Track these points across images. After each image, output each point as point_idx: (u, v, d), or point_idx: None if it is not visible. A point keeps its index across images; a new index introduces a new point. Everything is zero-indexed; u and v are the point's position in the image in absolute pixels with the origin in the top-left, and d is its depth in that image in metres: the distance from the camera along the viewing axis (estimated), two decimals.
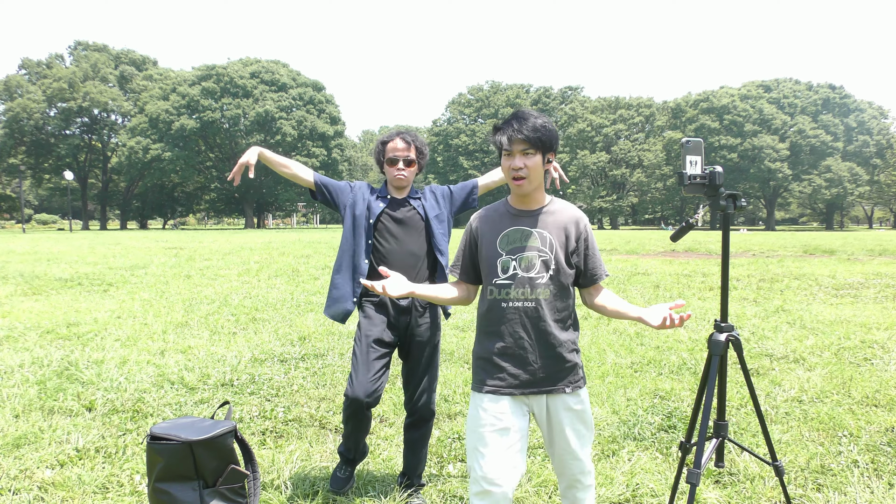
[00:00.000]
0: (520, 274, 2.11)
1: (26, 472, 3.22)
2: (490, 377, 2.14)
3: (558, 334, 2.13)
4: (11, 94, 60.34)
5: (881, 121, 75.07)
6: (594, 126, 75.38)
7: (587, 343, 6.24)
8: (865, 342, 6.25)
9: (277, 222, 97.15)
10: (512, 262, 2.12)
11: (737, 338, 2.33)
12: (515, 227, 2.14)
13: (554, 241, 2.13)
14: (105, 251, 20.28)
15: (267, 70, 66.74)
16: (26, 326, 7.06)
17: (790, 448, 3.53)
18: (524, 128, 2.04)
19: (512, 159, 2.07)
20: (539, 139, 2.04)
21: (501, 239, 2.14)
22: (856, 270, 13.51)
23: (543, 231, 2.14)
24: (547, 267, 2.11)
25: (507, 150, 2.07)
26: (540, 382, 2.12)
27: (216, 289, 10.58)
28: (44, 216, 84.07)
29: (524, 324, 2.11)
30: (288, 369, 5.27)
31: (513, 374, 2.11)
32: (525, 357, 2.11)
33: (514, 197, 2.19)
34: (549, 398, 2.15)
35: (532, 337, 2.11)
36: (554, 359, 2.13)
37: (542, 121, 2.06)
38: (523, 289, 2.10)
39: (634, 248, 22.41)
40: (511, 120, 2.08)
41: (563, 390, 2.14)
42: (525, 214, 2.16)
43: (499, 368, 2.12)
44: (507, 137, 2.06)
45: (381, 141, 3.00)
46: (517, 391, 2.12)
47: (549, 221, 2.15)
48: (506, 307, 2.11)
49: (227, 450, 2.63)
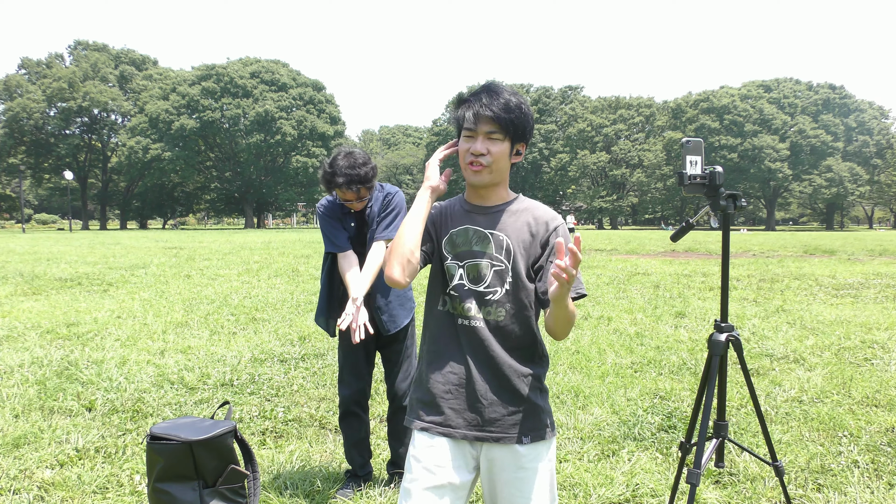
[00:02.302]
0: (466, 286, 1.67)
1: (26, 472, 3.22)
2: (427, 411, 1.69)
3: (516, 366, 1.67)
4: (11, 94, 60.35)
5: (881, 121, 75.11)
6: (594, 126, 75.37)
7: (587, 343, 6.24)
8: (865, 342, 6.24)
9: (277, 222, 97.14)
10: (458, 269, 1.69)
11: (737, 338, 2.33)
12: (465, 225, 1.72)
13: (514, 248, 1.68)
14: (105, 251, 20.27)
15: (267, 70, 66.72)
16: (26, 326, 7.06)
17: (790, 448, 3.53)
18: (495, 104, 1.63)
19: (473, 141, 1.65)
20: (511, 122, 1.64)
21: (447, 240, 1.72)
22: (856, 270, 13.51)
23: (501, 234, 1.69)
24: (502, 280, 1.67)
25: (470, 130, 1.65)
26: (487, 425, 1.65)
27: (216, 289, 10.58)
28: (44, 216, 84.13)
29: (473, 349, 1.67)
30: (288, 369, 5.26)
31: (455, 410, 1.66)
32: (472, 390, 1.65)
33: (470, 190, 1.77)
34: (494, 448, 1.66)
35: (482, 367, 1.66)
36: (509, 396, 1.66)
37: (518, 100, 1.66)
38: (469, 304, 1.66)
39: (634, 248, 22.40)
40: (480, 93, 1.67)
41: (518, 440, 1.65)
42: (479, 211, 1.73)
43: (438, 400, 1.68)
44: (474, 113, 1.64)
45: (326, 180, 2.89)
46: (458, 432, 1.65)
47: (510, 223, 1.71)
48: (459, 325, 1.69)
49: (227, 450, 2.63)
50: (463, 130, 1.68)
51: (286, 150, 65.93)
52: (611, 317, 7.72)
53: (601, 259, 17.16)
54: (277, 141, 63.67)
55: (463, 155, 1.69)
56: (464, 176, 1.74)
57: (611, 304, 8.82)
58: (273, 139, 63.65)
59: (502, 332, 1.67)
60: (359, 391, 3.08)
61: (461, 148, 1.69)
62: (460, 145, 1.70)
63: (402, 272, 1.62)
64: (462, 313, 1.68)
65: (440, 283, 1.74)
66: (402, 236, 1.65)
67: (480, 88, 1.69)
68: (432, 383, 1.69)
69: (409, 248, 1.62)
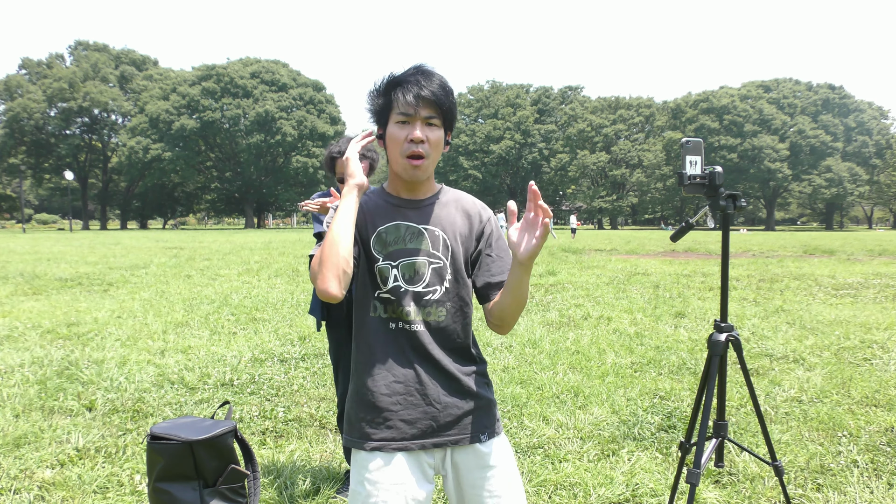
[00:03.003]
0: (403, 287, 1.54)
1: (26, 472, 3.23)
2: (375, 427, 1.53)
3: (463, 365, 1.59)
4: (12, 94, 60.38)
5: (881, 121, 75.14)
6: (594, 126, 75.37)
7: (587, 343, 6.24)
8: (865, 342, 6.25)
9: (277, 222, 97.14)
10: (392, 270, 1.55)
11: (737, 338, 2.33)
12: (395, 221, 1.57)
13: (450, 242, 1.58)
14: (105, 251, 20.28)
15: (267, 70, 66.73)
16: (27, 326, 7.06)
17: (790, 448, 3.53)
18: (433, 85, 1.49)
19: (411, 128, 1.49)
20: (449, 106, 1.52)
21: (376, 239, 1.57)
22: (855, 271, 13.51)
23: (436, 229, 1.58)
24: (441, 278, 1.57)
25: (407, 115, 1.48)
26: (444, 429, 1.55)
27: (216, 289, 10.58)
28: (44, 216, 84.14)
29: (416, 353, 1.55)
30: (288, 369, 5.27)
31: (407, 420, 1.53)
32: (423, 395, 1.54)
33: (396, 183, 1.60)
34: (455, 452, 1.57)
35: (429, 370, 1.55)
36: (461, 396, 1.57)
37: (448, 84, 1.53)
38: (407, 308, 1.54)
39: (634, 248, 22.41)
40: (414, 74, 1.50)
41: (476, 439, 1.58)
42: (410, 206, 1.59)
43: (385, 413, 1.53)
44: (414, 96, 1.47)
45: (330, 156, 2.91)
46: (415, 443, 1.53)
47: (444, 216, 1.60)
48: (394, 329, 1.55)
49: (228, 449, 2.64)
50: (396, 115, 1.50)
51: (286, 151, 65.94)
52: (611, 317, 7.72)
53: (601, 259, 17.16)
54: (277, 141, 63.68)
55: (398, 145, 1.50)
56: (396, 170, 1.56)
57: (611, 304, 8.82)
58: (273, 139, 63.65)
59: (443, 333, 1.57)
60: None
61: (396, 135, 1.50)
62: (394, 132, 1.51)
63: (338, 285, 1.42)
64: (400, 317, 1.54)
65: (369, 287, 1.58)
66: (334, 244, 1.43)
67: (412, 70, 1.52)
68: (376, 397, 1.53)
69: (344, 257, 1.43)
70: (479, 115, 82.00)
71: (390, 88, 1.51)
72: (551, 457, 3.44)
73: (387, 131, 1.53)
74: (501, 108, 79.02)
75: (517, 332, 6.76)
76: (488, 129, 76.76)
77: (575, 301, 9.14)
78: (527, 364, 5.41)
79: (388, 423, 1.53)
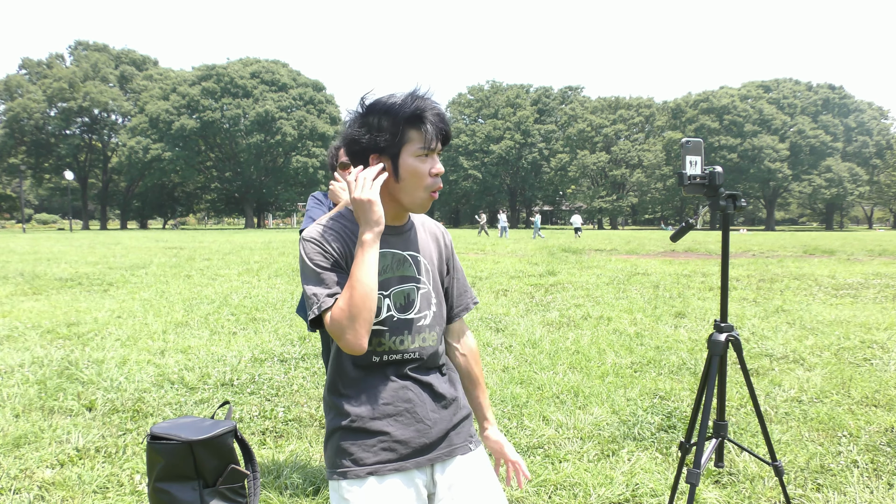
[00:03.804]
0: (396, 317, 1.51)
1: (26, 472, 3.23)
2: (366, 452, 1.48)
3: (444, 382, 1.61)
4: (12, 94, 60.38)
5: (881, 121, 75.14)
6: (594, 126, 75.37)
7: (587, 343, 6.24)
8: (865, 342, 6.25)
9: (277, 222, 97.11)
10: (385, 300, 1.51)
11: (736, 338, 2.33)
12: (383, 249, 1.52)
13: (429, 268, 1.59)
14: (105, 251, 20.28)
15: (267, 70, 66.74)
16: (26, 326, 7.06)
17: (790, 448, 3.53)
18: (445, 118, 1.48)
19: (432, 162, 1.48)
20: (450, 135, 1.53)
21: None
22: (855, 271, 13.51)
23: (417, 254, 1.58)
24: (428, 303, 1.57)
25: (429, 150, 1.46)
26: (436, 444, 1.55)
27: (216, 288, 10.58)
28: (44, 216, 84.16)
29: (407, 378, 1.54)
30: (288, 369, 5.27)
31: (401, 441, 1.50)
32: (413, 413, 1.52)
33: (388, 209, 1.53)
34: (446, 465, 1.57)
35: (418, 392, 1.55)
36: (450, 411, 1.60)
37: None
38: (401, 337, 1.51)
39: (634, 248, 22.41)
40: (427, 107, 1.46)
41: (466, 448, 1.60)
42: (392, 232, 1.55)
43: (377, 436, 1.50)
44: (436, 129, 1.45)
45: (335, 146, 2.86)
46: (410, 462, 1.51)
47: (420, 241, 1.60)
48: (378, 362, 1.51)
49: (228, 449, 2.63)
50: (415, 149, 1.45)
51: (286, 151, 65.94)
52: (611, 317, 7.72)
53: (601, 259, 17.16)
54: (277, 141, 63.69)
55: (421, 179, 1.46)
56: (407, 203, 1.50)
57: (611, 304, 8.82)
58: (273, 139, 63.67)
59: (432, 356, 1.58)
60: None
61: (418, 170, 1.45)
62: (415, 166, 1.45)
63: (367, 338, 1.41)
64: (390, 349, 1.51)
65: None
66: (366, 297, 1.38)
67: (415, 97, 1.46)
68: (367, 423, 1.50)
69: (374, 310, 1.40)
70: (479, 115, 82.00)
71: (410, 118, 1.44)
72: (551, 457, 3.44)
73: (402, 164, 1.46)
74: (501, 108, 79.02)
75: (517, 333, 6.76)
76: (488, 129, 76.76)
77: (575, 301, 9.14)
78: (527, 364, 5.41)
79: (382, 446, 1.49)
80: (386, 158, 1.46)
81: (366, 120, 1.46)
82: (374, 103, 1.47)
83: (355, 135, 1.47)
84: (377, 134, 1.44)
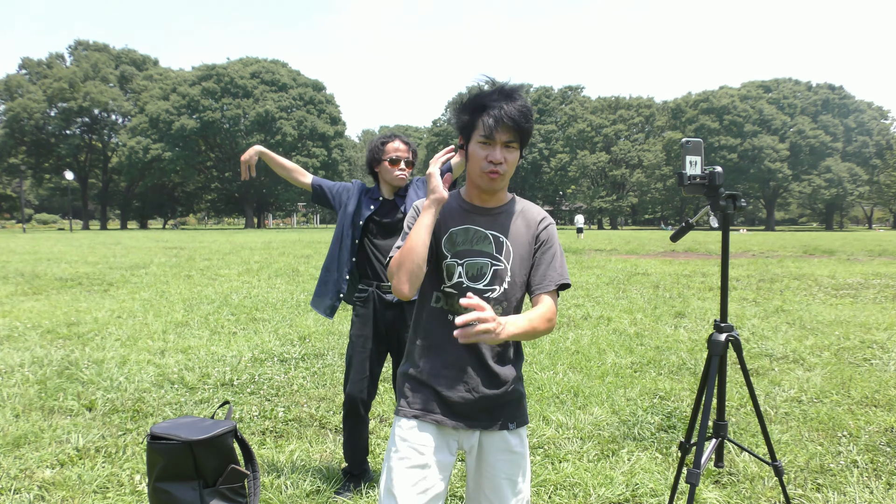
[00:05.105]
0: (465, 283, 1.71)
1: (26, 472, 3.23)
2: (417, 400, 1.74)
3: (503, 363, 1.76)
4: (12, 94, 60.37)
5: (881, 121, 75.13)
6: (594, 126, 75.38)
7: (587, 343, 6.24)
8: (865, 342, 6.25)
9: (277, 222, 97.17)
10: (458, 267, 1.72)
11: (736, 338, 2.33)
12: (466, 225, 1.74)
13: (511, 249, 1.74)
14: (105, 251, 20.28)
15: (267, 70, 66.75)
16: (27, 326, 7.06)
17: (790, 448, 3.53)
18: (515, 112, 1.64)
19: (492, 150, 1.65)
20: (527, 132, 1.68)
21: (447, 238, 1.74)
22: (855, 271, 13.51)
23: (501, 235, 1.75)
24: (500, 280, 1.72)
25: (489, 139, 1.64)
26: (477, 416, 1.74)
27: (216, 289, 10.58)
28: (44, 216, 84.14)
29: (466, 346, 1.70)
30: (288, 369, 5.27)
31: (446, 401, 1.72)
32: (464, 382, 1.72)
33: (472, 190, 1.77)
34: (483, 435, 1.76)
35: (474, 361, 1.72)
36: (498, 388, 1.75)
37: (529, 106, 1.70)
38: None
39: (634, 248, 22.41)
40: (500, 99, 1.64)
41: (505, 426, 1.75)
42: (480, 212, 1.76)
43: (430, 390, 1.73)
44: (495, 121, 1.62)
45: (380, 141, 3.04)
46: (449, 421, 1.72)
47: (509, 224, 1.76)
48: (451, 321, 1.71)
49: (227, 449, 2.64)
50: (478, 136, 1.66)
51: (286, 151, 65.93)
52: (611, 317, 7.72)
53: (601, 259, 17.16)
54: (278, 141, 63.69)
55: (478, 162, 1.68)
56: (474, 181, 1.74)
57: (611, 304, 8.82)
58: (273, 139, 63.67)
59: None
60: (365, 390, 3.02)
61: (477, 154, 1.67)
62: (476, 151, 1.67)
63: (411, 287, 1.64)
64: (458, 310, 1.68)
65: (435, 279, 1.76)
66: (412, 251, 1.63)
67: (497, 92, 1.66)
68: (425, 375, 1.74)
69: (419, 263, 1.63)
70: None
71: (476, 109, 1.66)
72: (551, 457, 3.44)
73: (469, 147, 1.70)
74: None
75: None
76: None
77: (575, 301, 9.14)
78: (527, 364, 5.41)
79: (430, 399, 1.73)
80: (463, 139, 1.73)
81: (462, 104, 1.71)
82: (469, 95, 1.71)
83: (451, 119, 1.77)
84: (460, 120, 1.71)
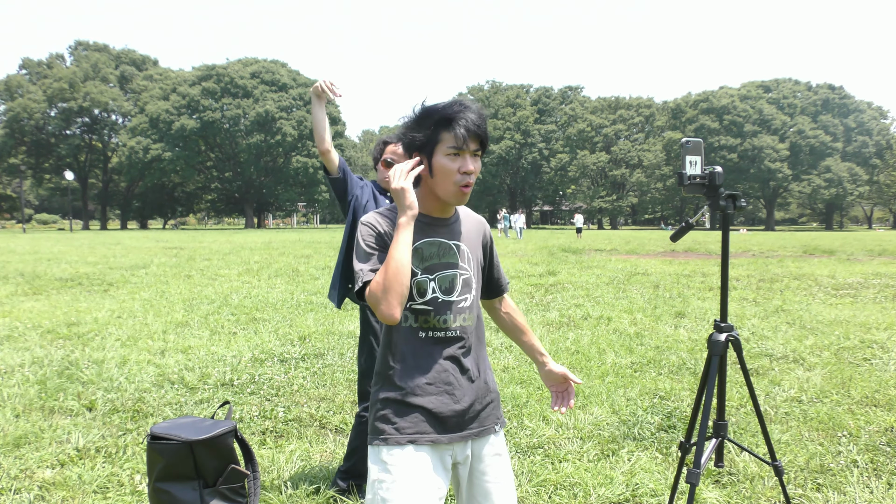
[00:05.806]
0: (440, 298, 1.70)
1: (27, 472, 3.23)
2: (407, 424, 1.66)
3: (481, 365, 1.79)
4: (12, 94, 60.36)
5: (881, 121, 75.13)
6: (594, 126, 75.35)
7: (587, 343, 6.24)
8: (865, 342, 6.25)
9: (277, 222, 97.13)
10: (430, 283, 1.70)
11: (736, 338, 2.33)
12: (430, 238, 1.72)
13: (470, 255, 1.78)
14: (105, 251, 20.28)
15: (267, 70, 66.71)
16: (27, 326, 7.06)
17: (790, 448, 3.54)
18: (479, 120, 1.65)
19: (462, 161, 1.64)
20: (488, 137, 1.72)
21: (414, 254, 1.68)
22: (855, 270, 13.51)
23: (462, 244, 1.77)
24: (469, 287, 1.75)
25: (458, 149, 1.63)
26: (468, 423, 1.72)
27: (216, 289, 10.58)
28: (44, 216, 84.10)
29: (447, 358, 1.70)
30: (288, 369, 5.27)
31: (437, 417, 1.67)
32: (451, 395, 1.69)
33: (431, 203, 1.72)
34: (475, 443, 1.75)
35: (456, 371, 1.71)
36: (482, 393, 1.77)
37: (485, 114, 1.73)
38: (444, 316, 1.69)
39: (634, 248, 22.41)
40: (462, 109, 1.64)
41: (491, 430, 1.78)
42: (441, 223, 1.75)
43: (419, 411, 1.67)
44: (466, 130, 1.62)
45: (383, 140, 3.05)
46: (444, 437, 1.68)
47: (464, 232, 1.80)
48: (424, 338, 1.69)
49: (228, 449, 2.64)
50: (446, 149, 1.63)
51: (286, 151, 65.93)
52: (611, 317, 7.72)
53: (601, 259, 17.16)
54: (278, 141, 63.66)
55: (450, 175, 1.64)
56: (443, 196, 1.68)
57: (611, 304, 8.82)
58: (273, 139, 63.64)
59: (473, 336, 1.76)
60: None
61: (447, 167, 1.63)
62: (445, 164, 1.63)
63: (400, 310, 1.57)
64: (435, 326, 1.68)
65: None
66: (399, 272, 1.55)
67: (457, 103, 1.66)
68: (410, 397, 1.67)
69: (406, 285, 1.57)
70: None
71: (439, 121, 1.63)
72: (551, 457, 3.44)
73: (435, 161, 1.65)
74: (501, 109, 78.98)
75: None
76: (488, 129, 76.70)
77: (575, 301, 9.14)
78: (527, 364, 5.41)
79: (422, 420, 1.67)
80: (423, 156, 1.67)
81: (412, 122, 1.69)
82: (421, 108, 1.69)
83: (403, 135, 1.71)
84: (418, 134, 1.67)
